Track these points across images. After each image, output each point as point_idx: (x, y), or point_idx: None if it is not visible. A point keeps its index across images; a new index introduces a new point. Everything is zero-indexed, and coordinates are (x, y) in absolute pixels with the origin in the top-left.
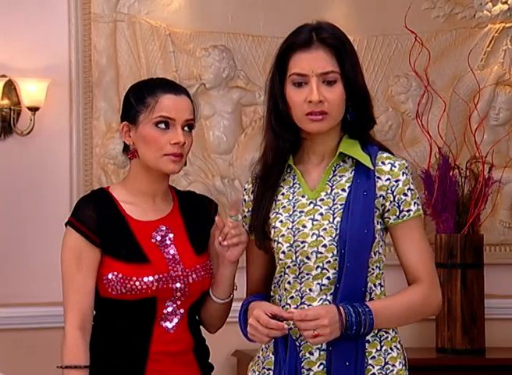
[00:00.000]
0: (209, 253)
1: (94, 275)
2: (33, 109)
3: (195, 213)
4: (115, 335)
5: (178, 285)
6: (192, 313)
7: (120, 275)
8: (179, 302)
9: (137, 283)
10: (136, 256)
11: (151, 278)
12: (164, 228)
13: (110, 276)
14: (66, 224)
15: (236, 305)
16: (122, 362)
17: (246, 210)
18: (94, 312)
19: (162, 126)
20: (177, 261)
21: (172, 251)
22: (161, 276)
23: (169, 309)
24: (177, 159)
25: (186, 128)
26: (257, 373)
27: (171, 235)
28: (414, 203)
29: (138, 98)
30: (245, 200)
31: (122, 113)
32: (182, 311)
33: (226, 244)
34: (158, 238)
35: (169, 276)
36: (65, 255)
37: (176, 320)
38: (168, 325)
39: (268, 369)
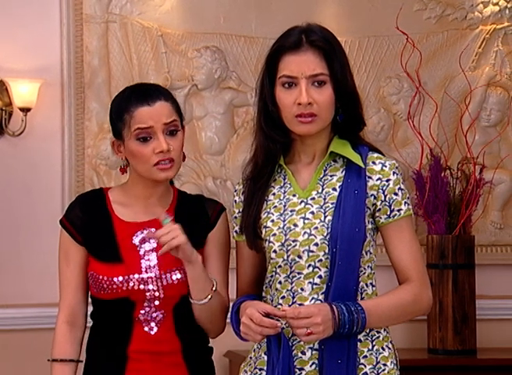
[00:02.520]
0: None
1: (82, 272)
2: (25, 110)
3: (192, 217)
4: (100, 333)
5: (150, 287)
6: (180, 314)
7: (95, 274)
8: (157, 303)
9: (108, 282)
10: (110, 256)
11: (120, 278)
12: (149, 229)
13: (89, 274)
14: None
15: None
16: (104, 359)
17: (236, 211)
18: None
19: (142, 138)
20: (154, 263)
21: (151, 253)
22: (131, 277)
23: (146, 310)
24: (167, 166)
25: (168, 132)
26: (249, 373)
27: None
28: (405, 203)
29: (117, 115)
30: (236, 201)
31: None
32: (162, 312)
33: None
34: (139, 239)
35: (141, 278)
36: (59, 253)
37: (156, 321)
38: (148, 326)
39: (261, 369)
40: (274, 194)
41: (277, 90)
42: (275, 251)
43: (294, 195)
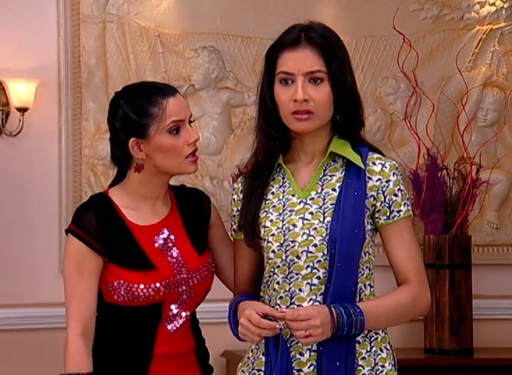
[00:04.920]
0: (209, 250)
1: (97, 282)
2: (22, 110)
3: (191, 211)
4: (119, 339)
5: (184, 288)
6: (194, 313)
7: (126, 283)
8: (184, 304)
9: (144, 290)
10: (141, 263)
11: (157, 284)
12: (165, 231)
13: (115, 283)
14: (67, 232)
15: (225, 306)
16: (125, 364)
17: (235, 209)
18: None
19: (175, 131)
20: (181, 264)
21: (175, 254)
22: (167, 281)
23: (174, 312)
24: (195, 158)
25: (190, 124)
26: (246, 373)
27: (172, 237)
28: (404, 204)
29: (140, 112)
30: (234, 199)
31: (120, 130)
32: (187, 313)
33: None
34: (161, 242)
35: (175, 280)
36: (67, 263)
37: (180, 322)
38: (173, 327)
39: (258, 370)
40: (273, 193)
41: (275, 86)
42: (273, 252)
43: (293, 195)
